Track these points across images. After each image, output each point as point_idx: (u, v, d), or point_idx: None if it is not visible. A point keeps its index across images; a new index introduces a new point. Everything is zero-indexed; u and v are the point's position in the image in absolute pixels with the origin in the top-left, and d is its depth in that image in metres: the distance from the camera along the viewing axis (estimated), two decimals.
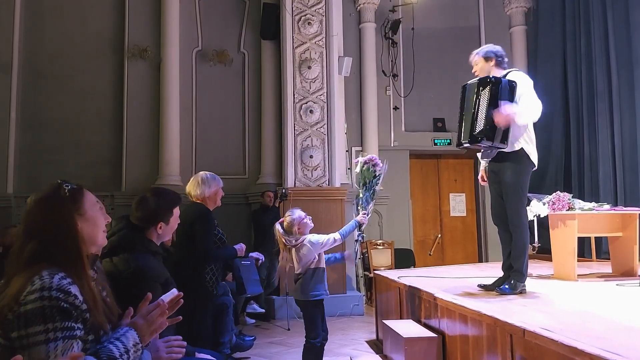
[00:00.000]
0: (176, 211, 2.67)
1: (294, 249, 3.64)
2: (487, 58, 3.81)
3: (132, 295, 1.96)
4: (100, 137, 8.13)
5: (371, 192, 3.93)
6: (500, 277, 3.75)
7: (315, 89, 7.33)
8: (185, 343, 1.95)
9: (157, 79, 8.10)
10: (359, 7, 8.90)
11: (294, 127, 7.26)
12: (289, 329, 5.99)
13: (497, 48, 3.85)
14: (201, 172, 3.91)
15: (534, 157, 3.66)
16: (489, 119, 3.44)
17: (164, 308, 1.73)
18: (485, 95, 3.52)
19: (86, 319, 1.54)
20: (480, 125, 3.49)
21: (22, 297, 1.48)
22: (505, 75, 3.69)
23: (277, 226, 3.70)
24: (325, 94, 7.31)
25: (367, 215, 3.90)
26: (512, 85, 3.54)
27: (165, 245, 4.16)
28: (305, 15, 7.41)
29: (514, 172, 3.59)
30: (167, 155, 7.91)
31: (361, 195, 3.95)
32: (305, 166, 7.22)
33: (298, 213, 3.67)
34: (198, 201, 3.78)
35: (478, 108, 3.53)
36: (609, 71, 7.27)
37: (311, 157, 7.20)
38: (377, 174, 3.93)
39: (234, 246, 3.83)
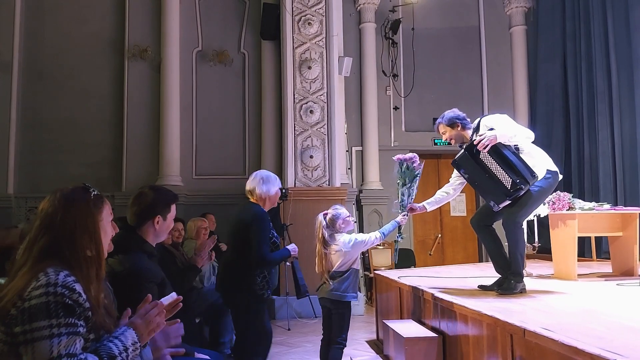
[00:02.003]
0: (173, 208, 2.64)
1: (332, 246, 3.57)
2: (452, 125, 3.80)
3: (127, 296, 1.98)
4: (100, 137, 8.14)
5: (411, 190, 3.86)
6: (499, 278, 3.74)
7: (316, 89, 7.33)
8: (181, 325, 1.92)
9: (157, 79, 8.10)
10: (359, 7, 8.90)
11: (294, 127, 7.26)
12: (289, 329, 5.98)
13: (457, 112, 3.81)
14: (261, 171, 3.66)
15: (553, 166, 3.68)
16: (509, 171, 3.41)
17: (162, 308, 1.75)
18: (486, 157, 3.45)
19: (88, 317, 1.56)
20: (508, 180, 3.43)
21: (27, 292, 1.50)
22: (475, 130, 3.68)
23: (320, 217, 3.63)
24: (325, 94, 7.31)
25: (406, 217, 3.88)
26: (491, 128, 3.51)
27: (165, 244, 4.17)
28: (305, 16, 7.41)
29: (541, 187, 3.60)
30: (167, 155, 7.91)
31: (401, 196, 3.87)
32: (306, 166, 7.22)
33: (343, 210, 3.65)
34: (254, 201, 3.57)
35: (492, 171, 3.45)
36: (608, 71, 7.27)
37: (311, 157, 7.20)
38: (416, 173, 3.85)
39: (287, 247, 3.61)
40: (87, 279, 1.59)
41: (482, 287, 3.77)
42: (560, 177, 3.76)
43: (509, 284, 3.57)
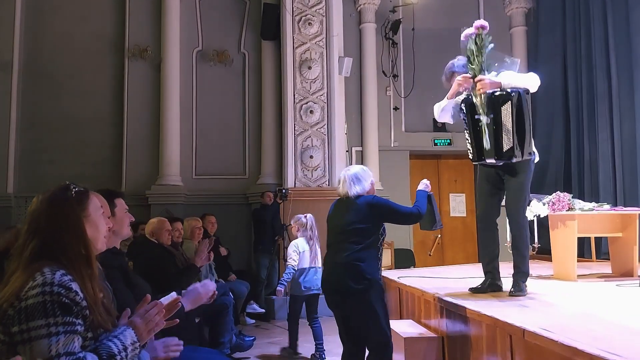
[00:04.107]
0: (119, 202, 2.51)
1: None
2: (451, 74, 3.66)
3: None
4: (100, 137, 8.14)
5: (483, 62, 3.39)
6: (486, 280, 3.64)
7: (316, 89, 7.33)
8: (182, 343, 1.96)
9: (158, 79, 8.10)
10: (359, 8, 8.90)
11: (294, 127, 7.26)
12: (289, 329, 5.97)
13: (450, 64, 3.70)
14: (350, 171, 3.39)
15: (535, 151, 3.63)
16: (515, 134, 3.31)
17: (161, 308, 1.76)
18: (507, 110, 3.33)
19: (86, 315, 1.56)
20: (510, 142, 3.35)
21: (24, 292, 1.50)
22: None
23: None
24: (325, 94, 7.31)
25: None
26: (528, 93, 3.39)
27: (165, 245, 4.16)
28: (305, 16, 7.41)
29: (525, 172, 3.53)
30: (167, 155, 7.91)
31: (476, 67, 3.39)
32: (306, 166, 7.22)
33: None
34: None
35: (502, 125, 3.34)
36: (609, 72, 7.26)
37: (311, 157, 7.20)
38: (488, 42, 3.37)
39: (419, 189, 3.55)
40: (82, 277, 1.60)
41: (474, 290, 3.66)
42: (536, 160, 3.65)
43: (520, 285, 3.52)
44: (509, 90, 3.34)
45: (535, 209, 5.04)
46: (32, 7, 8.27)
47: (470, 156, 3.62)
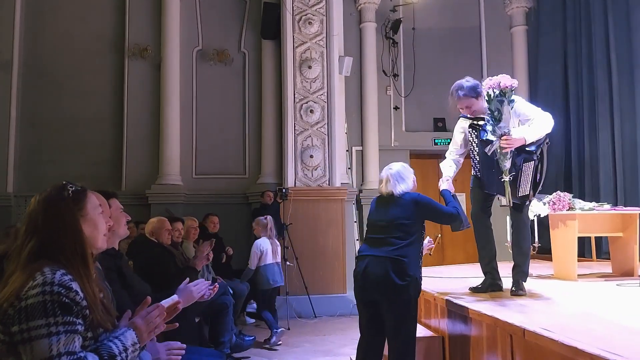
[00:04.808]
0: (113, 202, 2.49)
1: None
2: (477, 95, 3.60)
3: None
4: (100, 137, 8.13)
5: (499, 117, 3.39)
6: (486, 279, 3.66)
7: (316, 88, 7.33)
8: (184, 346, 1.96)
9: (158, 78, 8.10)
10: (359, 7, 8.89)
11: (294, 126, 7.26)
12: (289, 329, 5.98)
13: (476, 82, 3.67)
14: (392, 169, 3.30)
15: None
16: (533, 183, 3.42)
17: (162, 310, 1.76)
18: (528, 166, 3.39)
19: (86, 315, 1.56)
20: (526, 191, 3.44)
21: (24, 292, 1.50)
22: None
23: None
24: (325, 94, 7.31)
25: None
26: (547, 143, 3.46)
27: (165, 244, 4.16)
28: (305, 15, 7.41)
29: None
30: (167, 154, 7.91)
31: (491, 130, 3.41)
32: (306, 166, 7.21)
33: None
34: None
35: (521, 177, 3.41)
36: (609, 72, 7.26)
37: (311, 156, 7.20)
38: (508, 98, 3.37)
39: (443, 191, 3.52)
40: (81, 276, 1.60)
41: (474, 289, 3.68)
42: None
43: (521, 284, 3.53)
44: (533, 149, 3.39)
45: (536, 208, 5.04)
46: (32, 7, 8.26)
47: (473, 173, 3.68)
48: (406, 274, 2.99)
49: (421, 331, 3.72)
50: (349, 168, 8.26)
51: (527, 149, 3.39)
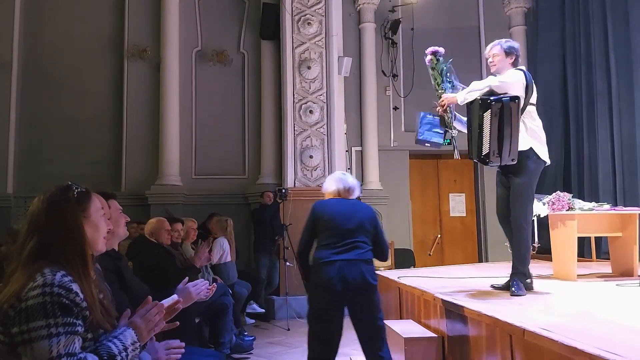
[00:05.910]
0: (112, 203, 2.50)
1: None
2: (508, 53, 3.77)
3: None
4: (100, 137, 8.14)
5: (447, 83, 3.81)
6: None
7: (315, 89, 7.33)
8: (183, 344, 1.96)
9: (157, 79, 8.10)
10: (358, 7, 8.90)
11: (294, 127, 7.26)
12: (288, 329, 5.98)
13: (517, 45, 3.81)
14: (346, 175, 3.71)
15: (544, 154, 3.68)
16: (496, 141, 3.43)
17: (162, 308, 1.76)
18: (487, 117, 3.45)
19: (86, 316, 1.56)
20: (486, 148, 3.45)
21: (24, 293, 1.50)
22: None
23: None
24: (324, 94, 7.31)
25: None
26: (516, 101, 3.48)
27: (164, 245, 4.16)
28: (304, 16, 7.41)
29: (526, 172, 3.59)
30: (166, 155, 7.91)
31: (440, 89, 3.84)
32: (305, 166, 7.22)
33: None
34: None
35: (482, 131, 3.47)
36: (608, 71, 7.26)
37: (311, 157, 7.20)
38: (442, 66, 3.83)
39: None
40: (80, 277, 1.60)
41: (495, 287, 3.77)
42: (547, 163, 3.74)
43: (519, 285, 3.54)
44: (492, 98, 3.46)
45: (535, 208, 5.04)
46: (32, 7, 8.26)
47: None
48: (375, 275, 3.27)
49: (420, 331, 3.72)
50: (348, 168, 8.26)
51: (487, 100, 3.49)
